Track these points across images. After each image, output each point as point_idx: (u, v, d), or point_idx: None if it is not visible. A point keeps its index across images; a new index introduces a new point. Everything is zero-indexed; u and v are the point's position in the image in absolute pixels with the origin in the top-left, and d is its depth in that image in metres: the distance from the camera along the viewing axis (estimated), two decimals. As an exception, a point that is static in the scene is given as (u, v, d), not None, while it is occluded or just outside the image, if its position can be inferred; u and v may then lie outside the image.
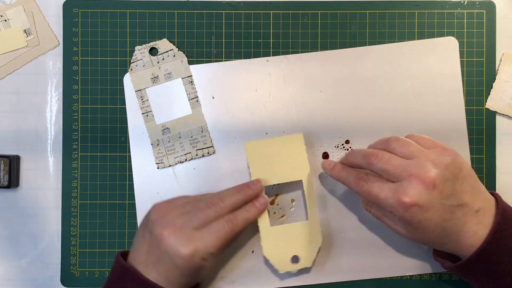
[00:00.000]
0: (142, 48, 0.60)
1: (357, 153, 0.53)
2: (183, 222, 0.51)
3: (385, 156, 0.50)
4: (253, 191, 0.55)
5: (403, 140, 0.51)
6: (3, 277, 0.61)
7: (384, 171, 0.50)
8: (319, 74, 0.61)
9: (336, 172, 0.55)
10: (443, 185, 0.48)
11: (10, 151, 0.61)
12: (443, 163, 0.49)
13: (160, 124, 0.60)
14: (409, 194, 0.48)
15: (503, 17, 0.61)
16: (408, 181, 0.48)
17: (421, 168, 0.48)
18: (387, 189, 0.49)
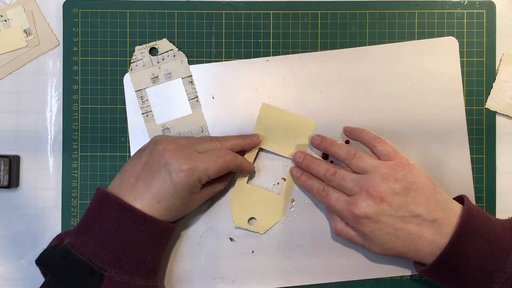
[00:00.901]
0: (142, 48, 0.60)
1: (319, 166, 0.57)
2: (187, 144, 0.54)
3: (341, 173, 0.55)
4: (252, 141, 0.59)
5: (359, 156, 0.55)
6: (3, 277, 0.61)
7: (340, 186, 0.55)
8: (319, 74, 0.61)
9: (302, 181, 0.58)
10: (391, 198, 0.52)
11: (10, 151, 0.61)
12: (393, 177, 0.52)
13: (160, 124, 0.60)
14: (359, 206, 0.52)
15: (503, 17, 0.61)
16: (359, 195, 0.53)
17: (371, 183, 0.52)
18: (342, 202, 0.54)
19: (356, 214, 0.52)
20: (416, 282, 0.60)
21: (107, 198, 0.52)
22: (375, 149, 0.55)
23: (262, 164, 0.61)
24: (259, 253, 0.60)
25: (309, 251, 0.60)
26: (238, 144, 0.58)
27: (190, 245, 0.60)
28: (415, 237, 0.52)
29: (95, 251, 0.50)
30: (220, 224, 0.60)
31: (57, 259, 0.50)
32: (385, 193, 0.52)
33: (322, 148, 0.58)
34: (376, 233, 0.52)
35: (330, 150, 0.57)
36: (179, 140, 0.54)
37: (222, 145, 0.56)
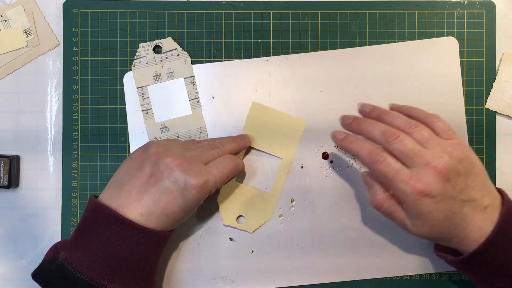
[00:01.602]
0: (147, 46, 0.60)
1: (374, 127, 0.52)
2: (192, 156, 0.53)
3: (405, 137, 0.49)
4: (245, 143, 0.59)
5: (421, 127, 0.51)
6: (3, 277, 0.61)
7: (401, 153, 0.49)
8: (319, 74, 0.61)
9: (348, 143, 0.53)
10: (456, 179, 0.48)
11: (10, 151, 0.61)
12: (458, 157, 0.49)
13: (159, 122, 0.60)
14: (423, 182, 0.47)
15: (503, 17, 0.61)
16: (425, 169, 0.48)
17: (438, 159, 0.48)
18: (402, 174, 0.49)
19: (419, 190, 0.47)
20: (416, 282, 0.60)
21: (104, 211, 0.50)
22: (434, 125, 0.52)
23: (251, 160, 0.61)
24: (259, 253, 0.60)
25: (309, 251, 0.60)
26: (235, 148, 0.57)
27: (190, 245, 0.60)
28: (467, 223, 0.49)
29: (94, 266, 0.49)
30: (219, 224, 0.60)
31: (55, 276, 0.49)
32: (452, 172, 0.48)
33: (375, 115, 0.54)
34: (433, 214, 0.48)
35: (385, 118, 0.53)
36: (184, 153, 0.53)
37: (223, 153, 0.56)
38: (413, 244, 0.59)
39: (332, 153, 0.60)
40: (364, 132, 0.52)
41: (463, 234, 0.50)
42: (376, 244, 0.60)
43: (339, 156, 0.60)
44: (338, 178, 0.60)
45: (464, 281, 0.60)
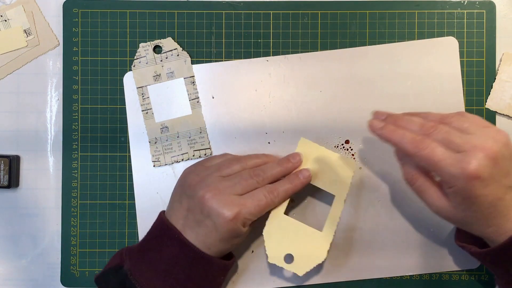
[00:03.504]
0: (147, 46, 0.60)
1: (411, 121, 0.51)
2: (226, 187, 0.52)
3: (445, 128, 0.49)
4: (293, 164, 0.56)
5: (459, 116, 0.50)
6: (3, 277, 0.61)
7: (445, 140, 0.48)
8: (319, 74, 0.61)
9: (388, 131, 0.51)
10: (503, 161, 0.47)
11: (10, 151, 0.61)
12: (501, 141, 0.47)
13: (159, 123, 0.60)
14: (474, 164, 0.46)
15: (503, 17, 0.61)
16: (473, 152, 0.46)
17: (484, 142, 0.47)
18: (450, 158, 0.47)
19: (469, 173, 0.46)
20: (416, 282, 0.60)
21: (169, 230, 0.52)
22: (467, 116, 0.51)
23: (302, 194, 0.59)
24: (259, 253, 0.60)
25: (309, 251, 0.60)
26: (278, 173, 0.55)
27: (190, 245, 0.60)
28: (507, 211, 0.48)
29: (152, 282, 0.50)
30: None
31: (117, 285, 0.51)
32: (500, 154, 0.46)
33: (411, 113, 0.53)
34: (480, 199, 0.47)
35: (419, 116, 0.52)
36: (216, 183, 0.52)
37: (263, 182, 0.54)
38: (413, 244, 0.60)
39: (332, 153, 0.60)
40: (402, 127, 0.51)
41: (500, 222, 0.48)
42: (376, 244, 0.60)
43: (339, 156, 0.60)
44: (338, 178, 0.60)
45: (464, 281, 0.60)
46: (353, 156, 0.60)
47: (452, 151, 0.47)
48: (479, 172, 0.46)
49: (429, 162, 0.48)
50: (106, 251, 0.61)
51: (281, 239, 0.55)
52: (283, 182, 0.55)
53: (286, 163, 0.56)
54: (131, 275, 0.50)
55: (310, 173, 0.56)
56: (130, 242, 0.60)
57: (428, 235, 0.60)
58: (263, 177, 0.54)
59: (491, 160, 0.46)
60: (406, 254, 0.60)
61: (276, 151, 0.60)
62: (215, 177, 0.53)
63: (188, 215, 0.52)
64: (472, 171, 0.46)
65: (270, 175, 0.54)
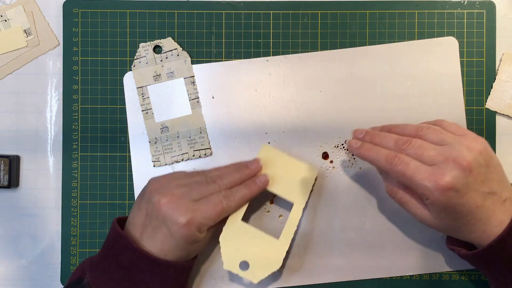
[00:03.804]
0: (147, 46, 0.60)
1: (386, 137, 0.52)
2: (182, 193, 0.52)
3: (418, 142, 0.50)
4: (251, 170, 0.56)
5: (433, 128, 0.51)
6: (3, 277, 0.61)
7: (418, 155, 0.49)
8: (319, 74, 0.61)
9: (364, 150, 0.53)
10: (478, 170, 0.48)
11: (10, 151, 0.61)
12: (477, 148, 0.48)
13: (159, 123, 0.60)
14: (446, 177, 0.47)
15: (503, 17, 0.61)
16: (445, 164, 0.47)
17: (457, 152, 0.47)
18: (423, 171, 0.48)
19: (442, 186, 0.46)
20: (416, 282, 0.60)
21: (122, 239, 0.51)
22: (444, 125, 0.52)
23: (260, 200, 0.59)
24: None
25: (309, 251, 0.60)
26: (236, 179, 0.55)
27: (190, 245, 0.60)
28: (488, 216, 0.48)
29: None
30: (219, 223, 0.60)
31: None
32: (473, 163, 0.47)
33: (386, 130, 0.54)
34: (457, 209, 0.48)
35: (396, 129, 0.53)
36: (173, 189, 0.52)
37: (219, 187, 0.54)
38: (413, 244, 0.59)
39: (332, 153, 0.60)
40: (377, 144, 0.53)
41: (484, 228, 0.49)
42: (376, 244, 0.60)
43: (339, 156, 0.60)
44: (338, 178, 0.60)
45: (464, 281, 0.60)
46: (353, 156, 0.60)
47: (425, 164, 0.48)
48: (453, 184, 0.47)
49: (404, 177, 0.49)
50: (106, 251, 0.61)
51: (237, 246, 0.55)
52: (240, 187, 0.54)
53: (244, 169, 0.55)
54: None
55: (267, 178, 0.56)
56: (130, 242, 0.60)
57: (428, 235, 0.60)
58: (220, 183, 0.54)
59: (465, 170, 0.47)
60: (406, 254, 0.60)
61: (276, 151, 0.60)
62: (173, 184, 0.53)
63: (145, 221, 0.52)
64: (445, 183, 0.47)
65: (227, 181, 0.54)
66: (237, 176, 0.55)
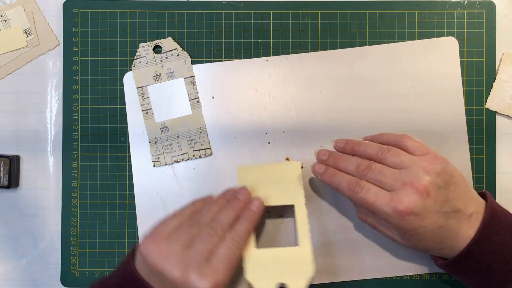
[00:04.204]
0: (147, 46, 0.60)
1: (349, 161, 0.54)
2: (192, 257, 0.48)
3: (378, 167, 0.51)
4: (243, 201, 0.53)
5: (393, 150, 0.52)
6: (3, 277, 0.61)
7: (377, 181, 0.51)
8: (319, 74, 0.61)
9: (328, 176, 0.54)
10: (436, 192, 0.49)
11: (10, 151, 0.61)
12: (434, 170, 0.50)
13: (159, 123, 0.60)
14: (404, 202, 0.49)
15: (503, 17, 0.61)
16: (403, 189, 0.49)
17: (414, 177, 0.49)
18: (382, 197, 0.50)
19: (401, 211, 0.48)
20: (416, 282, 0.60)
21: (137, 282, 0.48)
22: (405, 145, 0.52)
23: None
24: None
25: (309, 251, 0.60)
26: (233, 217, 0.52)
27: (190, 245, 0.60)
28: (454, 234, 0.50)
29: None
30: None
31: None
32: (431, 186, 0.49)
33: (349, 149, 0.55)
34: (418, 231, 0.50)
35: (359, 149, 0.54)
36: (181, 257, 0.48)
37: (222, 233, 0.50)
38: (413, 244, 0.60)
39: (332, 153, 0.60)
40: (340, 168, 0.54)
41: (451, 245, 0.51)
42: (376, 244, 0.60)
43: (339, 156, 0.60)
44: (338, 178, 0.60)
45: (464, 281, 0.60)
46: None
47: (385, 189, 0.50)
48: (410, 208, 0.48)
49: (366, 203, 0.51)
50: (106, 251, 0.61)
51: (265, 274, 0.52)
52: (241, 223, 0.51)
53: (236, 202, 0.53)
54: None
55: (261, 201, 0.53)
56: (130, 242, 0.60)
57: (428, 235, 0.60)
58: (221, 228, 0.50)
59: (422, 194, 0.48)
60: (406, 254, 0.60)
61: (276, 151, 0.60)
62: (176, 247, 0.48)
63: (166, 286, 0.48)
64: (403, 208, 0.48)
65: (226, 222, 0.51)
66: (232, 212, 0.52)
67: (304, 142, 0.60)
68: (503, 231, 0.50)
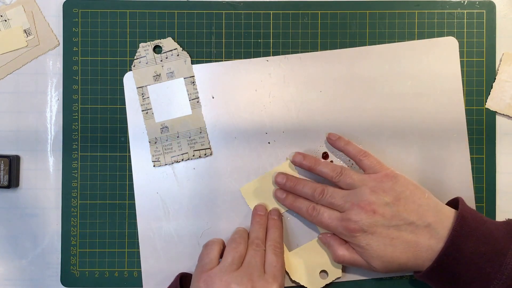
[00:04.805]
0: (147, 46, 0.60)
1: (305, 187, 0.57)
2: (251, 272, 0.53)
3: (329, 191, 0.56)
4: (265, 214, 0.59)
5: (345, 173, 0.56)
6: (3, 277, 0.61)
7: (331, 204, 0.55)
8: (319, 74, 0.61)
9: (289, 202, 0.58)
10: (383, 209, 0.53)
11: (10, 151, 0.61)
12: (381, 188, 0.53)
13: (159, 123, 0.60)
14: (352, 221, 0.53)
15: (503, 17, 0.61)
16: (351, 210, 0.53)
17: (361, 197, 0.53)
18: (335, 219, 0.55)
19: (350, 229, 0.53)
20: (416, 282, 0.60)
21: None
22: (361, 163, 0.57)
23: None
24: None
25: (309, 251, 0.60)
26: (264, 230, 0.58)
27: (190, 245, 0.60)
28: (412, 245, 0.52)
29: None
30: (219, 224, 0.60)
31: None
32: (376, 205, 0.53)
33: (306, 167, 0.58)
34: (372, 245, 0.53)
35: (316, 169, 0.57)
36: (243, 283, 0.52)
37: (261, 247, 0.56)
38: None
39: (332, 153, 0.60)
40: (298, 193, 0.58)
41: (413, 256, 0.52)
42: (376, 244, 0.60)
43: (339, 156, 0.60)
44: (338, 178, 0.60)
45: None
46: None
47: (337, 211, 0.55)
48: (358, 226, 0.53)
49: (322, 226, 0.56)
50: (106, 251, 0.61)
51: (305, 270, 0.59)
52: (272, 232, 0.58)
53: (260, 218, 0.59)
54: None
55: (277, 208, 0.60)
56: (130, 242, 0.60)
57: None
58: (261, 242, 0.56)
59: (368, 212, 0.53)
60: (406, 254, 0.60)
61: (276, 151, 0.60)
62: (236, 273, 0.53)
63: None
64: (351, 227, 0.53)
65: (262, 236, 0.57)
66: (261, 227, 0.58)
67: (304, 142, 0.60)
68: (475, 238, 0.50)
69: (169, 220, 0.60)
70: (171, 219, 0.60)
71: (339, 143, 0.58)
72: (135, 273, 0.60)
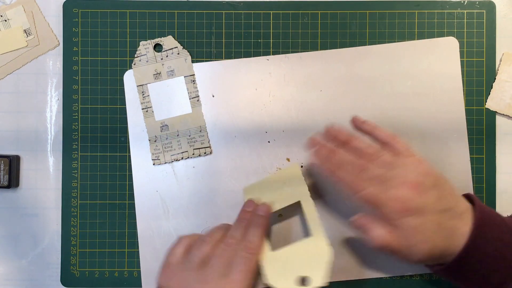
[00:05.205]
0: (147, 44, 0.60)
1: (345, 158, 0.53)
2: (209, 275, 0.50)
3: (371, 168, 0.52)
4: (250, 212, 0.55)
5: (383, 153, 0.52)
6: (3, 277, 0.61)
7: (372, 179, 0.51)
8: (319, 74, 0.61)
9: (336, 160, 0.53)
10: (427, 191, 0.50)
11: (10, 151, 0.61)
12: (424, 171, 0.51)
13: (159, 121, 0.60)
14: (400, 200, 0.49)
15: (503, 17, 0.61)
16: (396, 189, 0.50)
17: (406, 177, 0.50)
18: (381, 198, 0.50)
19: (399, 209, 0.49)
20: (416, 282, 0.60)
21: None
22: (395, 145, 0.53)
23: None
24: None
25: (309, 251, 0.60)
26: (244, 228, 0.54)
27: (190, 245, 0.60)
28: (453, 232, 0.50)
29: None
30: (218, 222, 0.60)
31: None
32: (421, 186, 0.50)
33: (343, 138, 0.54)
34: (419, 230, 0.49)
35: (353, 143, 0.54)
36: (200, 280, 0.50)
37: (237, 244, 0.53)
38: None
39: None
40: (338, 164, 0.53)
41: (453, 244, 0.50)
42: (376, 244, 0.60)
43: (339, 156, 0.60)
44: (338, 178, 0.60)
45: (464, 281, 0.60)
46: None
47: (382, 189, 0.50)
48: (407, 206, 0.49)
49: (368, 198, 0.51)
50: (106, 251, 0.61)
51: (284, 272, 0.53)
52: (250, 231, 0.54)
53: (245, 215, 0.55)
54: None
55: (266, 204, 0.55)
56: (130, 242, 0.60)
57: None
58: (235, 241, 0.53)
59: (415, 191, 0.49)
60: (406, 254, 0.60)
61: (275, 150, 0.60)
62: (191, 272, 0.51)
63: None
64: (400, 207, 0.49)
65: (239, 235, 0.53)
66: (242, 224, 0.54)
67: (304, 141, 0.60)
68: (496, 228, 0.50)
69: (169, 218, 0.60)
70: (170, 218, 0.60)
71: (366, 126, 0.55)
72: (135, 273, 0.60)
